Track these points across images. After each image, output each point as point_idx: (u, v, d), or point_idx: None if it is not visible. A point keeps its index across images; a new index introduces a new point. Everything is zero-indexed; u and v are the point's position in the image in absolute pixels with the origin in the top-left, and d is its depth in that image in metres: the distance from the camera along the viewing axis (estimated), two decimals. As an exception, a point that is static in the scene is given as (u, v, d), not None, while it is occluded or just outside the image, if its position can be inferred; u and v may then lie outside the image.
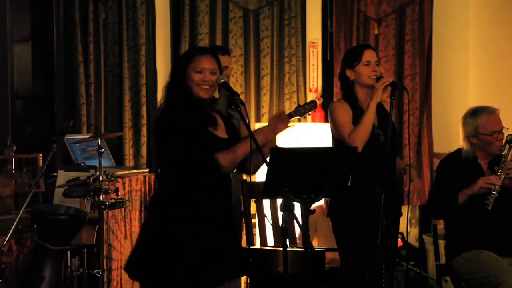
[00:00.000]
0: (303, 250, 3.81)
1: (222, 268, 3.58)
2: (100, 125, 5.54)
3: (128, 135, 5.61)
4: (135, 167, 5.45)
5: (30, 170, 4.71)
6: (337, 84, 4.38)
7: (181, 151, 3.51)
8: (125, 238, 4.80)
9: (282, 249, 3.47)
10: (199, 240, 3.52)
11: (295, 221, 3.52)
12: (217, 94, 3.79)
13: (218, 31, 5.99)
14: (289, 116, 5.03)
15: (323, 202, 5.17)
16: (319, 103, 5.62)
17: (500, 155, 4.41)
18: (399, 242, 5.56)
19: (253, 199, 4.75)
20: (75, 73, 5.45)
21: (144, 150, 5.63)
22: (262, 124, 5.58)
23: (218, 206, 3.59)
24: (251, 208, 4.75)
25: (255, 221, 4.79)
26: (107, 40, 5.62)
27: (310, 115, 5.25)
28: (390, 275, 4.24)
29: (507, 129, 4.45)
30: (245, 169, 3.71)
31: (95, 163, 4.40)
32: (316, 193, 3.55)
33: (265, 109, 6.19)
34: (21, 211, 3.94)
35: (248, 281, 4.38)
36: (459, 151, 4.56)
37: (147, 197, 5.05)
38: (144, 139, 5.63)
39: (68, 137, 4.96)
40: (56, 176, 4.66)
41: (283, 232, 3.44)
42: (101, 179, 4.20)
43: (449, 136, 5.97)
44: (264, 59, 6.20)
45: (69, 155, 5.03)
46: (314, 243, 5.59)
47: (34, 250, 4.22)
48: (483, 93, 6.37)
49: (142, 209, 5.05)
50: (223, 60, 4.58)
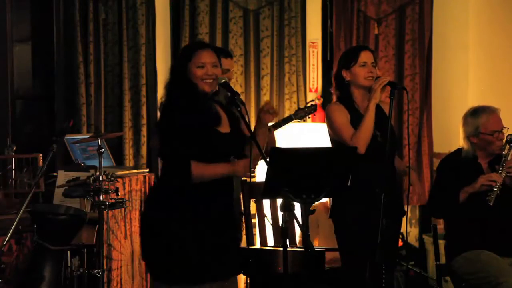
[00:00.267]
0: (303, 250, 3.81)
1: (222, 267, 3.58)
2: (100, 125, 5.54)
3: (128, 135, 5.61)
4: (135, 167, 5.45)
5: (30, 170, 4.71)
6: (332, 84, 4.36)
7: (181, 151, 3.51)
8: (125, 238, 4.80)
9: (282, 249, 3.47)
10: (199, 240, 3.52)
11: (295, 221, 3.52)
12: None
13: (218, 31, 5.99)
14: (289, 119, 5.03)
15: (326, 199, 5.16)
16: (319, 103, 5.62)
17: (500, 154, 4.42)
18: (399, 242, 5.55)
19: (253, 199, 4.74)
20: (75, 73, 5.45)
21: (144, 150, 5.62)
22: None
23: (218, 205, 3.59)
24: (251, 208, 4.75)
25: (255, 221, 4.78)
26: (107, 40, 5.62)
27: (310, 118, 5.28)
28: (390, 275, 4.24)
29: (507, 128, 4.45)
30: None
31: (95, 163, 4.40)
32: (316, 193, 3.55)
33: (265, 109, 6.18)
34: (21, 211, 3.93)
35: (248, 281, 4.37)
36: (459, 150, 4.57)
37: (147, 197, 5.05)
38: (144, 139, 5.62)
39: (68, 137, 4.96)
40: (56, 176, 4.65)
41: (283, 232, 3.44)
42: (101, 179, 4.19)
43: (449, 136, 5.96)
44: (264, 59, 6.19)
45: (69, 155, 5.03)
46: (316, 243, 5.59)
47: (34, 250, 4.21)
48: (483, 93, 6.36)
49: (142, 209, 5.04)
50: (226, 63, 4.58)
